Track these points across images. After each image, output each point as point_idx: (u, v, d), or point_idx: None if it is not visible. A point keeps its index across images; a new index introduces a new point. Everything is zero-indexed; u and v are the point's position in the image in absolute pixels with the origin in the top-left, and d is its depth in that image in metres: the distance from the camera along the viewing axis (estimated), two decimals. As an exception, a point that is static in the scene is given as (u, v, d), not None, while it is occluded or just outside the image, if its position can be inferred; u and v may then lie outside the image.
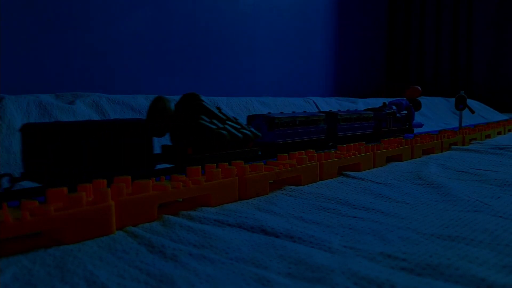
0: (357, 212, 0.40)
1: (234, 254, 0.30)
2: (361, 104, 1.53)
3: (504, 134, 1.26)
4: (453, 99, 1.16)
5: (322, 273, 0.26)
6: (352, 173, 0.59)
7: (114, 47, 1.05)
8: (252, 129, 0.59)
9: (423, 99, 1.86)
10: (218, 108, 0.58)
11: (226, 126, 0.55)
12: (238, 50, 1.40)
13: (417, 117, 1.10)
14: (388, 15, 2.37)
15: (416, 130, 1.06)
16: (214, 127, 0.53)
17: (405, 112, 0.98)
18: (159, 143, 0.56)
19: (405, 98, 1.02)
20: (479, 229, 0.34)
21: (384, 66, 2.36)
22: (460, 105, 1.11)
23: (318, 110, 1.31)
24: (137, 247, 0.31)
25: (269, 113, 0.70)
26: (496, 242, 0.31)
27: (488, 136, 1.12)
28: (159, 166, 0.53)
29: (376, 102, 1.60)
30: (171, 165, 0.54)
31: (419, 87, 1.02)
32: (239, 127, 0.57)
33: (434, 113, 1.83)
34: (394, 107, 0.96)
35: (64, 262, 0.28)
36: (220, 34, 1.33)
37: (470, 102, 1.43)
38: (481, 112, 1.96)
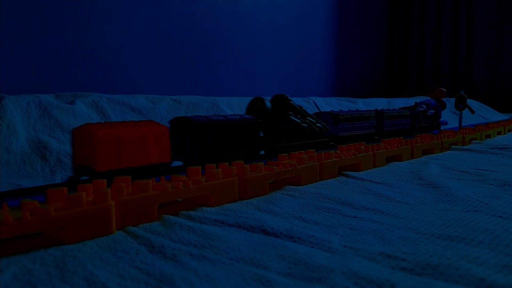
0: (357, 212, 0.40)
1: (234, 254, 0.30)
2: (361, 104, 1.53)
3: (504, 134, 1.26)
4: (453, 99, 1.16)
5: (322, 273, 0.26)
6: (352, 173, 0.59)
7: (114, 47, 1.05)
8: (324, 124, 0.71)
9: (423, 99, 1.86)
10: (300, 107, 0.70)
11: (306, 120, 0.68)
12: (238, 50, 1.40)
13: None
14: (388, 15, 2.37)
15: (442, 127, 1.17)
16: (299, 121, 0.66)
17: (433, 111, 1.09)
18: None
19: (431, 98, 1.12)
20: (479, 229, 0.34)
21: (384, 66, 2.36)
22: (460, 105, 1.11)
23: (318, 110, 1.31)
24: (137, 247, 0.31)
25: (332, 111, 0.82)
26: (496, 242, 0.31)
27: (488, 136, 1.12)
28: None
29: (376, 102, 1.60)
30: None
31: (444, 89, 1.14)
32: (315, 121, 0.70)
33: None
34: (424, 106, 1.06)
35: (64, 262, 0.28)
36: (220, 34, 1.33)
37: (470, 102, 1.43)
38: (481, 112, 1.96)
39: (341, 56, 1.94)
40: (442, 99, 1.15)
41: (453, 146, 0.89)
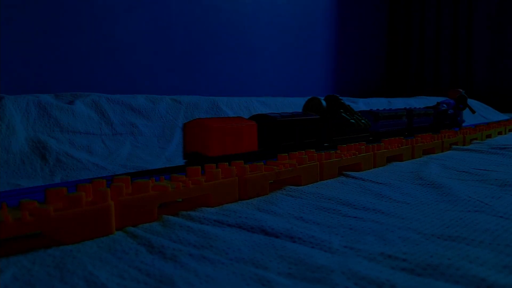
0: (357, 212, 0.40)
1: (234, 254, 0.30)
2: (361, 104, 1.52)
3: (505, 134, 1.26)
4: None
5: (322, 273, 0.26)
6: (352, 173, 0.59)
7: (113, 47, 1.05)
8: (367, 120, 0.80)
9: (423, 99, 1.86)
10: (348, 105, 0.78)
11: (354, 117, 0.77)
12: (238, 50, 1.40)
13: None
14: (388, 15, 2.37)
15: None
16: (348, 118, 0.75)
17: (452, 110, 1.17)
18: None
19: (449, 99, 1.21)
20: (480, 229, 0.34)
21: (384, 66, 2.36)
22: (461, 105, 1.11)
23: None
24: (136, 248, 0.31)
25: (371, 109, 0.91)
26: (496, 242, 0.31)
27: (489, 136, 1.12)
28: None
29: (377, 102, 1.60)
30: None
31: (461, 90, 1.23)
32: (360, 118, 0.79)
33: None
34: (445, 106, 1.15)
35: (64, 262, 0.28)
36: (220, 34, 1.33)
37: (470, 101, 1.43)
38: (482, 112, 1.96)
39: (341, 56, 1.94)
40: (462, 99, 1.23)
41: (454, 146, 0.89)
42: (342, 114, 0.74)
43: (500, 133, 1.22)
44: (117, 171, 0.63)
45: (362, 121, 0.78)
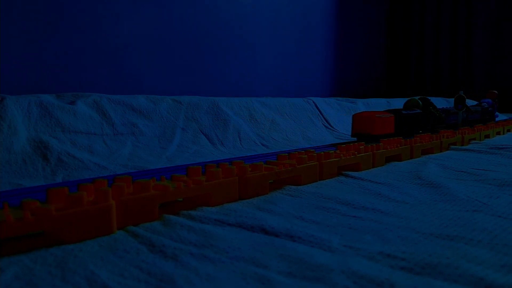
0: (356, 211, 0.41)
1: (235, 253, 0.30)
2: (361, 105, 1.53)
3: (503, 134, 1.26)
4: (453, 99, 1.17)
5: (322, 272, 0.27)
6: (351, 173, 0.59)
7: (114, 47, 1.05)
8: (443, 115, 1.08)
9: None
10: (434, 105, 1.05)
11: (438, 113, 1.05)
12: (238, 51, 1.40)
13: None
14: (388, 15, 2.37)
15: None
16: (436, 113, 1.04)
17: (491, 108, 1.44)
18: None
19: (488, 99, 1.49)
20: (478, 229, 0.35)
21: (384, 66, 2.36)
22: (459, 105, 1.11)
23: (318, 111, 1.31)
24: (138, 247, 0.31)
25: (444, 107, 1.18)
26: (495, 242, 0.32)
27: (487, 136, 1.12)
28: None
29: (376, 103, 1.60)
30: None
31: (496, 91, 1.48)
32: (441, 114, 1.06)
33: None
34: (486, 104, 1.42)
35: (65, 261, 0.28)
36: (220, 34, 1.33)
37: (469, 102, 1.45)
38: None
39: (341, 57, 1.94)
40: (495, 99, 1.52)
41: (452, 146, 0.89)
42: (432, 110, 1.02)
43: (498, 133, 1.23)
44: (118, 171, 0.63)
45: (442, 115, 1.06)
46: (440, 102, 1.94)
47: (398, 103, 1.68)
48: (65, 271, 0.27)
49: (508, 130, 1.34)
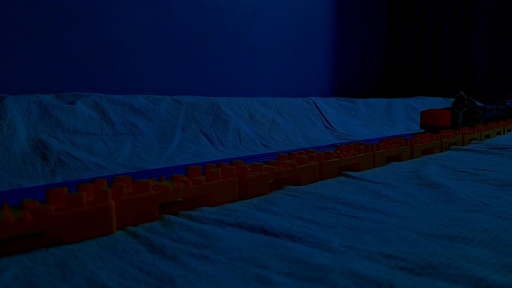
0: (356, 212, 0.40)
1: (234, 253, 0.30)
2: (361, 105, 1.53)
3: (504, 134, 1.26)
4: (453, 99, 1.17)
5: (322, 272, 0.26)
6: (352, 173, 0.59)
7: (114, 47, 1.05)
8: (481, 111, 1.22)
9: (422, 100, 1.86)
10: (475, 102, 1.17)
11: (478, 109, 1.18)
12: (238, 51, 1.40)
13: None
14: (388, 15, 2.37)
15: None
16: (478, 110, 1.18)
17: None
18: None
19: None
20: (479, 229, 0.35)
21: (384, 66, 2.36)
22: (460, 105, 1.11)
23: (318, 111, 1.31)
24: (137, 247, 0.31)
25: (475, 105, 1.30)
26: (495, 242, 0.32)
27: (487, 136, 1.12)
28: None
29: (376, 103, 1.60)
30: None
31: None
32: (480, 110, 1.21)
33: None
34: (510, 103, 1.61)
35: (65, 261, 0.28)
36: (220, 34, 1.33)
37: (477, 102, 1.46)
38: (481, 112, 1.96)
39: (341, 57, 1.94)
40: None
41: (453, 146, 0.89)
42: (474, 107, 1.16)
43: (498, 133, 1.22)
44: (118, 171, 0.63)
45: (479, 111, 1.21)
46: (440, 102, 1.94)
47: (398, 103, 1.68)
48: (65, 271, 0.27)
49: (509, 130, 1.34)
